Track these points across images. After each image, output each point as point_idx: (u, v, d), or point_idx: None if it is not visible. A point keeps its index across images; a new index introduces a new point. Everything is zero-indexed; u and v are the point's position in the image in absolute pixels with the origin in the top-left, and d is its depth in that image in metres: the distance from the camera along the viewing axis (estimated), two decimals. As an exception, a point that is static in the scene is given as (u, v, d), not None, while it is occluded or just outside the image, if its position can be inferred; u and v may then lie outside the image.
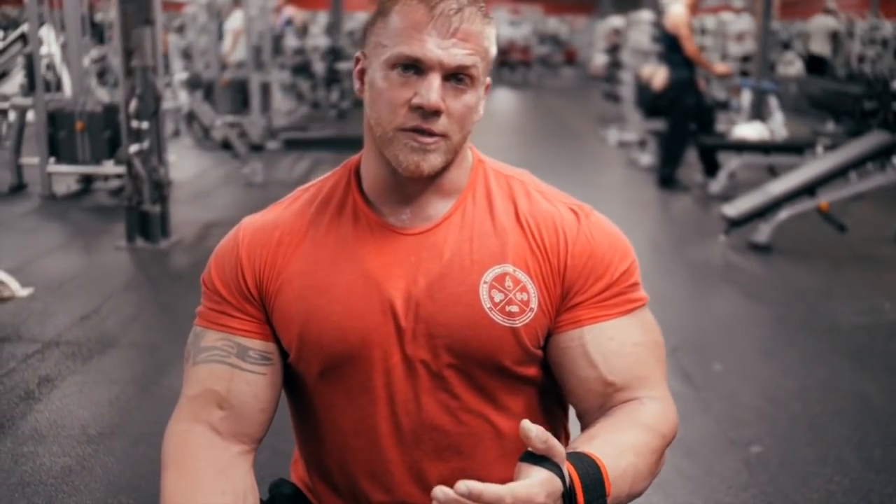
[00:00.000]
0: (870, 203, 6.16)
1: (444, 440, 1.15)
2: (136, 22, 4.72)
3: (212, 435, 1.14)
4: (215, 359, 1.16)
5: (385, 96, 1.09)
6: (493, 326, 1.11)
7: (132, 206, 4.93)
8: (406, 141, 1.09)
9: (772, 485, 2.55)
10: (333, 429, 1.19)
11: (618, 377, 1.13)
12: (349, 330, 1.12)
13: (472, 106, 1.11)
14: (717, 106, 8.03)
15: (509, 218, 1.16)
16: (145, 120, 4.83)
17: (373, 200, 1.18)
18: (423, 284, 1.12)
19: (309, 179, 1.27)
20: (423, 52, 1.06)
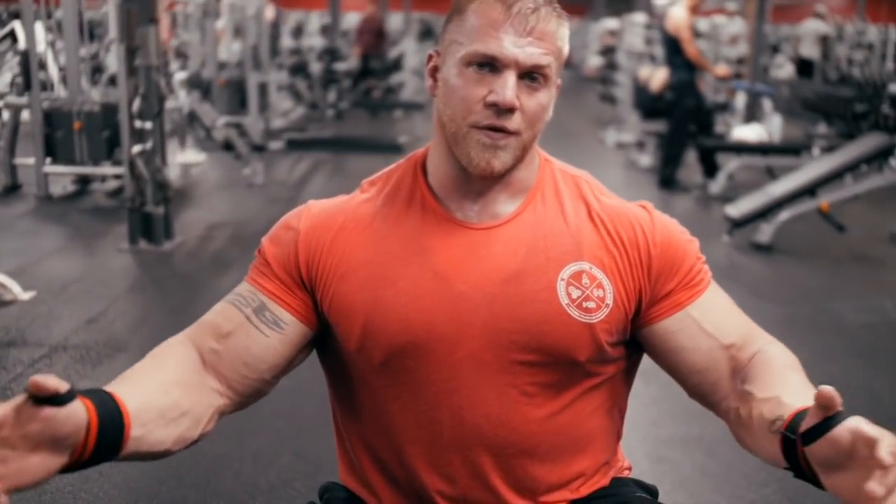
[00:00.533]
0: (864, 204, 6.20)
1: (508, 436, 1.15)
2: (140, 20, 4.70)
3: (196, 357, 1.14)
4: (236, 303, 1.18)
5: (460, 93, 1.10)
6: (571, 323, 1.11)
7: (135, 208, 4.91)
8: (478, 138, 1.10)
9: (790, 481, 2.51)
10: (394, 421, 1.18)
11: (733, 337, 1.17)
12: (415, 323, 1.12)
13: (545, 105, 1.12)
14: (716, 108, 8.08)
15: (581, 216, 1.18)
16: (149, 120, 4.81)
17: (440, 195, 1.18)
18: (497, 280, 1.12)
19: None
20: (500, 50, 1.07)
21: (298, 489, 2.47)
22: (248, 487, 2.48)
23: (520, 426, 1.15)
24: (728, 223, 5.35)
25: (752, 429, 1.07)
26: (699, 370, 1.18)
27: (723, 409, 1.17)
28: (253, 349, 1.15)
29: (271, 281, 1.18)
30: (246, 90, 8.60)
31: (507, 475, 1.17)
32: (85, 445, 0.89)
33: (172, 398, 1.05)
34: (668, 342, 1.18)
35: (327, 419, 2.95)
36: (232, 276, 4.56)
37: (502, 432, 1.15)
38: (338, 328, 1.17)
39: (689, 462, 2.67)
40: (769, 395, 1.07)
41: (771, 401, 1.05)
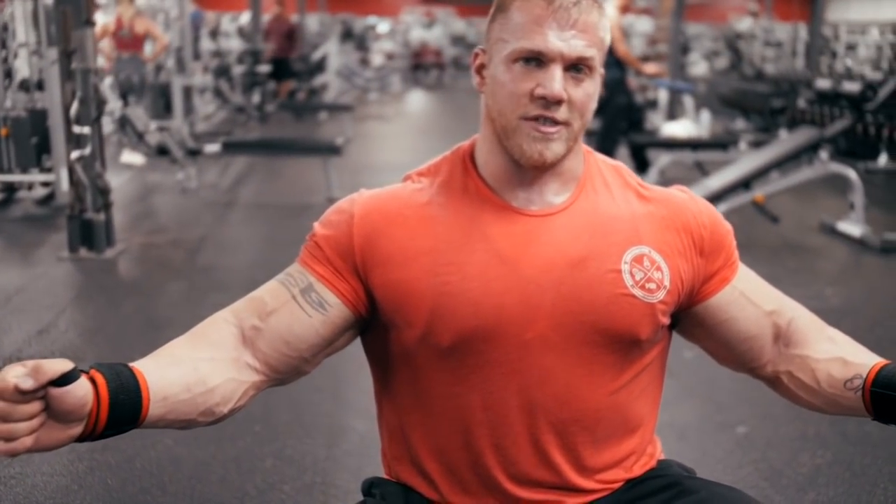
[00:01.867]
0: (791, 195, 6.46)
1: (572, 414, 1.19)
2: (76, 23, 4.56)
3: (236, 334, 1.18)
4: (285, 282, 1.21)
5: (508, 88, 1.14)
6: (636, 303, 1.17)
7: (74, 215, 4.76)
8: (528, 131, 1.14)
9: (764, 462, 2.67)
10: (459, 404, 1.20)
11: (773, 305, 1.29)
12: (485, 307, 1.15)
13: (591, 94, 1.16)
14: (646, 105, 8.28)
15: (632, 202, 1.24)
16: (87, 125, 4.67)
17: (493, 186, 1.21)
18: (563, 264, 1.16)
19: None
20: (546, 45, 1.11)
21: (287, 492, 2.45)
22: (236, 493, 2.45)
23: (583, 404, 1.19)
24: (667, 217, 5.49)
25: (818, 389, 1.25)
26: (749, 337, 1.28)
27: (767, 372, 1.31)
28: (295, 328, 1.18)
29: (321, 264, 1.20)
30: (170, 94, 8.42)
31: (569, 453, 1.21)
32: (97, 418, 0.97)
33: (200, 374, 1.10)
34: (721, 314, 1.27)
35: (304, 422, 2.95)
36: (181, 282, 4.48)
37: (567, 411, 1.19)
38: (398, 314, 1.18)
39: (666, 448, 2.70)
40: (830, 356, 1.24)
41: (835, 362, 1.23)
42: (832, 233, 5.74)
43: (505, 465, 1.20)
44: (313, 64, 12.74)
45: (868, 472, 2.60)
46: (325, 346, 1.21)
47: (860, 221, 5.53)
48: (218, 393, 1.12)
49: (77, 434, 0.97)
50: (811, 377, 1.25)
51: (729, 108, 10.99)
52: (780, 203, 6.13)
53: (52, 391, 0.92)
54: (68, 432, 0.96)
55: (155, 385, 1.04)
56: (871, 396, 1.18)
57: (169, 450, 2.67)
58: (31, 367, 0.91)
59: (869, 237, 5.40)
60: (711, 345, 1.32)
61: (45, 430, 0.94)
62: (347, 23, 18.39)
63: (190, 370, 1.10)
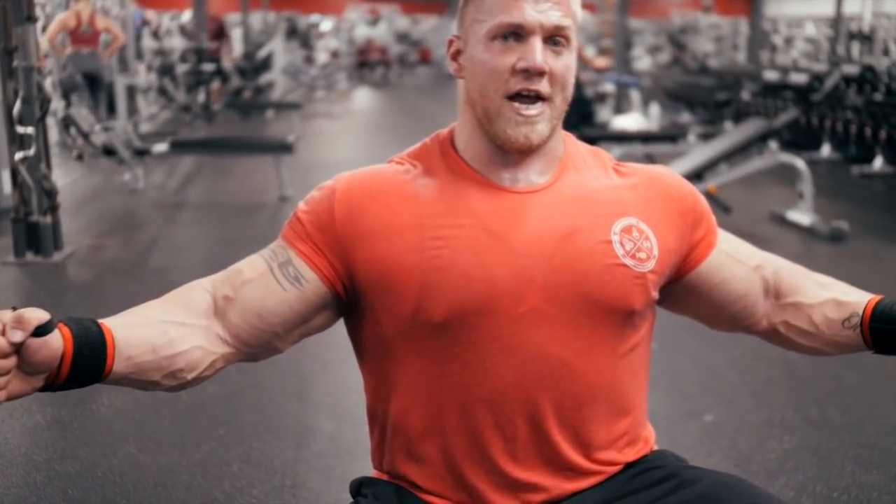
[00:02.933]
0: (740, 185, 6.56)
1: (569, 388, 1.18)
2: (17, 20, 4.41)
3: (209, 302, 1.17)
4: (264, 255, 1.21)
5: (489, 65, 1.15)
6: (628, 272, 1.18)
7: (19, 218, 4.60)
8: (511, 115, 1.15)
9: (733, 449, 2.69)
10: (455, 382, 1.17)
11: (756, 260, 1.33)
12: (476, 279, 1.14)
13: (569, 66, 1.17)
14: (596, 99, 8.34)
15: (614, 178, 1.26)
16: (30, 125, 4.52)
17: (475, 166, 1.22)
18: (553, 238, 1.17)
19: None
20: (524, 17, 1.13)
21: (256, 496, 2.39)
22: (203, 499, 2.38)
23: (580, 378, 1.19)
24: (622, 209, 5.54)
25: (817, 332, 1.29)
26: (741, 296, 1.31)
27: (764, 326, 1.34)
28: (268, 301, 1.17)
29: (302, 240, 1.19)
30: (114, 93, 8.24)
31: (566, 429, 1.20)
32: (59, 371, 0.99)
33: (169, 337, 1.11)
34: (713, 278, 1.30)
35: (270, 424, 2.90)
36: (132, 284, 4.37)
37: (563, 385, 1.18)
38: (386, 293, 1.16)
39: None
40: (823, 299, 1.29)
41: (829, 304, 1.28)
42: (782, 222, 5.84)
43: (503, 444, 1.18)
44: (258, 62, 12.57)
45: (834, 456, 2.64)
46: (300, 322, 1.20)
47: (809, 210, 5.64)
48: (183, 359, 1.12)
49: (39, 386, 0.98)
50: (808, 322, 1.29)
51: (674, 101, 11.14)
52: (731, 193, 6.21)
53: (30, 342, 0.92)
54: (32, 384, 0.97)
55: (121, 343, 1.05)
56: (871, 332, 1.23)
57: (131, 457, 2.59)
58: (14, 318, 0.92)
59: (818, 226, 5.50)
60: (706, 311, 1.34)
61: (13, 381, 0.95)
62: (292, 20, 18.19)
63: (158, 332, 1.10)
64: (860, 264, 4.99)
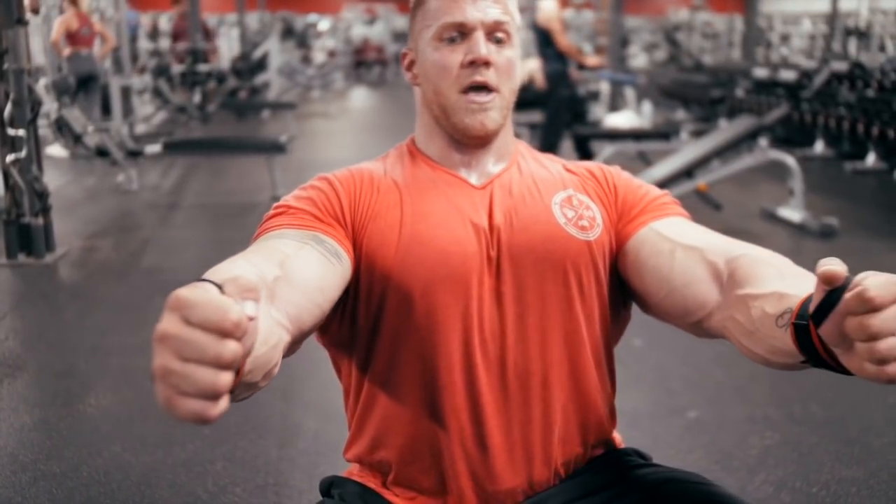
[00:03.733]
0: (733, 183, 6.57)
1: (526, 370, 1.20)
2: (7, 22, 4.43)
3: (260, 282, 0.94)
4: (288, 237, 1.11)
5: (440, 64, 1.24)
6: (571, 239, 1.22)
7: (11, 220, 4.63)
8: (465, 105, 1.23)
9: (714, 445, 2.71)
10: (425, 367, 1.19)
11: (699, 243, 1.16)
12: (451, 254, 1.19)
13: (513, 60, 1.25)
14: (589, 97, 8.35)
15: (557, 167, 1.35)
16: (21, 127, 4.55)
17: (441, 164, 1.30)
18: (499, 217, 1.23)
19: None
20: (465, 16, 1.22)
21: (239, 494, 2.41)
22: (186, 497, 2.40)
23: (535, 360, 1.21)
24: (613, 207, 5.55)
25: (756, 331, 0.98)
26: (669, 277, 1.16)
27: (716, 322, 1.09)
28: (326, 274, 1.09)
29: (320, 221, 1.18)
30: (109, 95, 8.25)
31: (532, 407, 1.21)
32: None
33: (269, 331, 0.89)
34: (637, 257, 1.22)
35: (254, 423, 2.91)
36: (124, 285, 4.39)
37: (521, 359, 1.20)
38: (374, 268, 1.19)
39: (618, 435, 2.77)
40: (766, 291, 0.99)
41: (770, 296, 0.97)
42: (773, 219, 5.86)
43: (474, 426, 1.19)
44: (254, 62, 12.58)
45: (815, 452, 2.66)
46: (336, 302, 1.13)
47: (800, 207, 5.65)
48: (277, 353, 0.90)
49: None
50: (748, 318, 1.00)
51: (669, 98, 11.15)
52: (722, 191, 6.23)
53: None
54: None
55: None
56: (795, 331, 0.90)
57: (116, 456, 2.61)
58: (239, 286, 0.69)
59: (808, 222, 5.52)
60: (657, 302, 1.20)
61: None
62: (288, 20, 18.20)
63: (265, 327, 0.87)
64: (849, 261, 4.84)
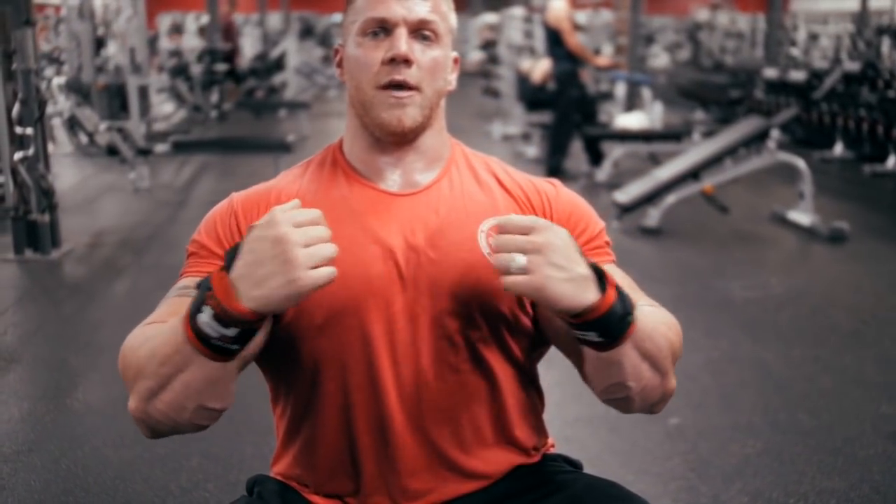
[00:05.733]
0: (744, 185, 6.52)
1: (443, 390, 1.19)
2: (15, 23, 4.50)
3: None
4: (190, 294, 1.13)
5: (361, 60, 1.21)
6: (493, 271, 1.15)
7: (19, 216, 4.70)
8: (383, 99, 1.19)
9: (693, 453, 2.69)
10: (335, 388, 1.19)
11: None
12: (352, 277, 1.16)
13: (439, 60, 1.22)
14: (599, 97, 8.31)
15: (494, 184, 1.29)
16: (29, 126, 4.61)
17: (360, 170, 1.26)
18: (421, 236, 1.20)
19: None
20: (387, 11, 1.19)
21: (211, 490, 2.44)
22: (158, 492, 2.43)
23: (455, 377, 1.20)
24: (617, 209, 5.52)
25: (575, 351, 1.15)
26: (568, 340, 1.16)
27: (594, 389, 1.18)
28: None
29: (219, 261, 1.17)
30: (126, 94, 8.33)
31: (444, 427, 1.21)
32: None
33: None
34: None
35: (234, 420, 2.92)
36: (124, 281, 4.45)
37: (436, 387, 1.19)
38: None
39: (596, 441, 2.76)
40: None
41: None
42: (782, 222, 5.79)
43: (383, 446, 1.20)
44: (271, 62, 12.66)
45: (797, 462, 2.63)
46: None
47: (809, 210, 5.58)
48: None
49: None
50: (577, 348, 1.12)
51: (687, 99, 11.07)
52: (732, 193, 6.18)
53: None
54: None
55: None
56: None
57: (96, 451, 2.65)
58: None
59: (818, 226, 5.45)
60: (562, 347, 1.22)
61: None
62: (307, 20, 18.26)
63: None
64: (857, 266, 4.93)
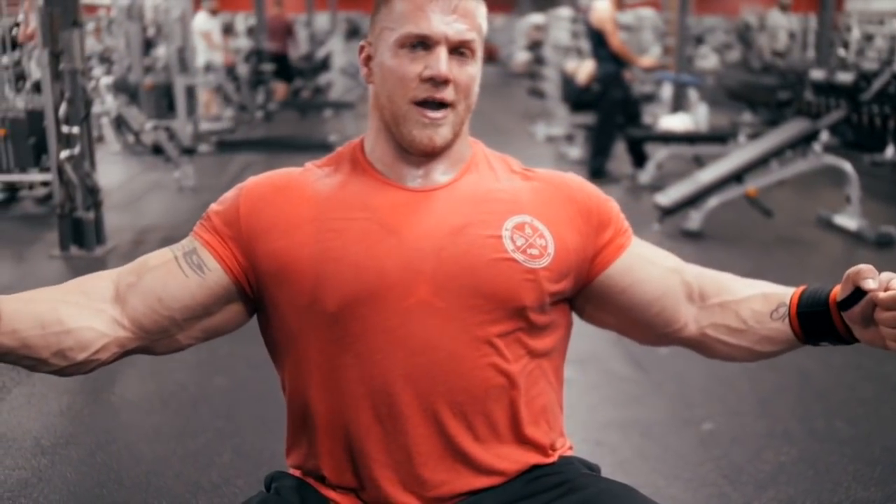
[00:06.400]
0: (791, 188, 6.40)
1: (458, 384, 1.18)
2: (63, 24, 4.60)
3: (109, 288, 1.21)
4: (172, 247, 1.26)
5: (397, 73, 1.19)
6: (517, 267, 1.19)
7: (65, 214, 4.80)
8: (417, 118, 1.19)
9: (726, 459, 2.64)
10: (348, 378, 1.20)
11: (672, 263, 1.32)
12: (366, 270, 1.17)
13: (474, 77, 1.21)
14: (643, 99, 8.22)
15: (515, 180, 1.28)
16: (75, 125, 4.71)
17: (381, 170, 1.25)
18: (444, 232, 1.19)
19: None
20: (430, 28, 1.17)
21: (241, 486, 2.46)
22: (189, 486, 2.46)
23: (468, 373, 1.19)
24: (658, 211, 5.46)
25: (746, 328, 1.26)
26: (657, 297, 1.29)
27: (692, 332, 1.30)
28: (169, 285, 1.21)
29: (209, 232, 1.24)
30: (173, 93, 8.47)
31: (461, 422, 1.20)
32: None
33: (57, 314, 1.15)
34: (623, 280, 1.28)
35: (266, 418, 2.95)
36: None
37: (453, 378, 1.18)
38: (284, 285, 1.20)
39: (628, 445, 2.73)
40: (749, 294, 1.27)
41: (756, 298, 1.26)
42: (828, 226, 5.67)
43: (400, 437, 1.19)
44: (317, 62, 12.76)
45: (833, 470, 2.57)
46: (202, 313, 1.24)
47: (857, 214, 5.46)
48: (73, 336, 1.15)
49: None
50: (736, 318, 1.27)
51: (736, 101, 10.89)
52: (777, 196, 6.07)
53: None
54: None
55: (7, 316, 1.10)
56: (799, 319, 1.21)
57: (131, 445, 2.70)
58: None
59: (865, 230, 5.33)
60: (624, 318, 1.32)
61: None
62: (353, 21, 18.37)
63: (48, 309, 1.15)
64: None
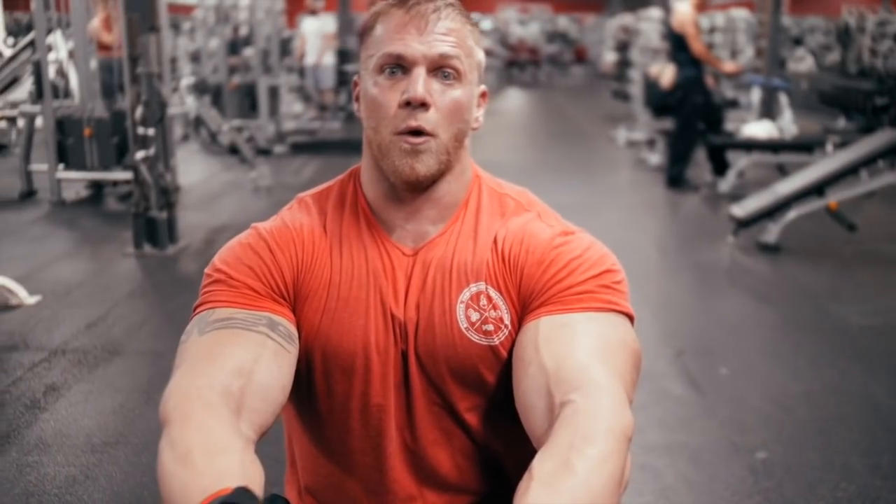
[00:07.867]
0: (879, 201, 6.11)
1: (439, 455, 1.18)
2: (142, 29, 4.74)
3: (227, 403, 0.96)
4: (238, 326, 1.04)
5: (378, 101, 1.11)
6: (472, 346, 1.13)
7: (139, 213, 4.95)
8: (400, 145, 1.09)
9: (777, 492, 2.52)
10: (340, 449, 1.20)
11: (552, 361, 1.01)
12: (366, 345, 1.14)
13: (460, 101, 1.11)
14: (726, 104, 7.98)
15: (489, 235, 1.17)
16: (151, 126, 4.85)
17: (376, 212, 1.18)
18: (413, 304, 1.14)
19: (317, 183, 1.26)
20: (405, 48, 1.09)
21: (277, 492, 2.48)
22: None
23: (447, 447, 1.18)
24: (733, 223, 5.28)
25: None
26: (519, 390, 1.05)
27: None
28: (285, 371, 1.06)
29: (261, 297, 1.10)
30: (256, 94, 8.65)
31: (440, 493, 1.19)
32: None
33: (237, 459, 0.91)
34: (514, 354, 1.10)
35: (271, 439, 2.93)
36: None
37: (432, 452, 1.18)
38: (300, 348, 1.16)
39: (673, 471, 2.64)
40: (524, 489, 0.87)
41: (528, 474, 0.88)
42: (917, 243, 5.40)
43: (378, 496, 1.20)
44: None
45: (893, 509, 2.43)
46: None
47: (948, 232, 5.18)
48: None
49: None
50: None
51: (829, 106, 10.46)
52: (865, 210, 5.80)
53: None
54: None
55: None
56: None
57: (175, 449, 2.74)
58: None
59: (957, 249, 5.05)
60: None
61: None
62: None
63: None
64: None
